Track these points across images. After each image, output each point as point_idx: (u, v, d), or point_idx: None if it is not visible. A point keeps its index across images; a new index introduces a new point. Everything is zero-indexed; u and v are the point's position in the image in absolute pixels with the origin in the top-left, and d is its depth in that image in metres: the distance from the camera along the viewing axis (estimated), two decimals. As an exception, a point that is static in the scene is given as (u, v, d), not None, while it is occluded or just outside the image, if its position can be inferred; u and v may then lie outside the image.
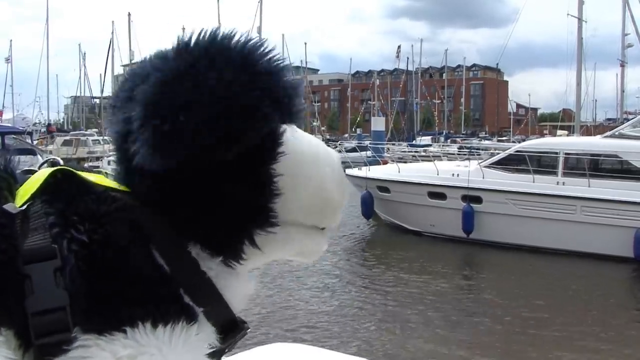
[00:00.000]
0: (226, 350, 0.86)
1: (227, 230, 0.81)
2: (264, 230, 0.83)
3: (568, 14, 24.64)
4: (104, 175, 0.83)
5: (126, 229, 0.75)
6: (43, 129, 49.17)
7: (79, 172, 0.80)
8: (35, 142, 30.10)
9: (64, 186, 0.76)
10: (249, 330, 0.89)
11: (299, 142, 0.86)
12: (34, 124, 46.68)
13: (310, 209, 0.86)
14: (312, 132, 63.38)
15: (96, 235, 0.72)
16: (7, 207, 0.73)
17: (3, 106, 61.62)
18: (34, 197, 0.75)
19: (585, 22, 24.96)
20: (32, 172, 0.82)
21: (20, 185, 0.79)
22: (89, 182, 0.78)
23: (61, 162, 0.83)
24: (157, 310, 0.73)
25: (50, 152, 32.32)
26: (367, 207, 16.97)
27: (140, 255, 0.75)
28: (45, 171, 0.78)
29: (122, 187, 0.80)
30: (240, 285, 0.87)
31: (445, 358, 7.91)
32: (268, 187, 0.81)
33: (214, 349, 0.80)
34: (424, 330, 8.79)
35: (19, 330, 0.68)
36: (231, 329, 0.85)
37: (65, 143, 35.62)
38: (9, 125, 32.87)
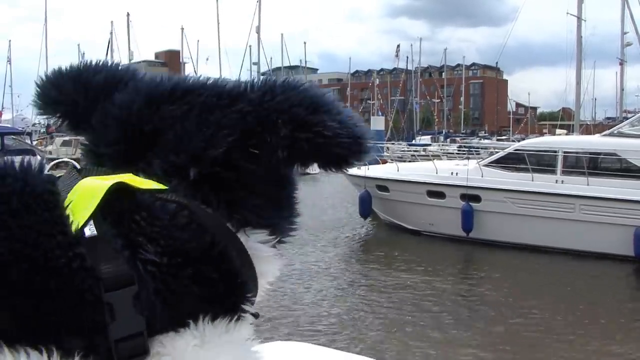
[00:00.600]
0: None
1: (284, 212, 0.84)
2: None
3: (567, 13, 24.73)
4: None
5: (194, 239, 0.72)
6: (42, 130, 49.18)
7: (130, 182, 0.73)
8: (34, 143, 30.13)
9: (120, 202, 0.71)
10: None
11: None
12: (34, 125, 46.68)
13: None
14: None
15: (166, 254, 0.70)
16: (88, 231, 0.68)
17: (2, 107, 61.72)
18: (93, 216, 0.69)
19: (585, 21, 25.04)
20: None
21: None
22: (139, 193, 0.72)
23: (76, 164, 0.78)
24: (213, 307, 0.73)
25: (50, 153, 32.36)
26: (365, 207, 16.97)
27: (214, 262, 0.73)
28: (99, 186, 0.71)
29: (161, 186, 0.74)
30: (271, 265, 0.87)
31: (444, 357, 7.92)
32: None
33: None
34: (422, 329, 8.79)
35: (102, 359, 0.68)
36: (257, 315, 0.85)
37: (65, 143, 35.59)
38: (9, 125, 32.93)
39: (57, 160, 0.85)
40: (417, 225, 15.87)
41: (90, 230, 0.68)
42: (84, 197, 0.70)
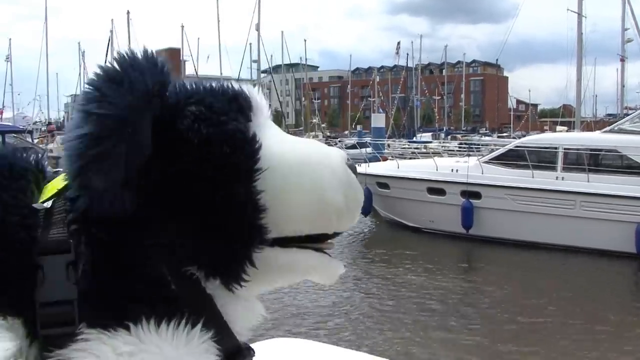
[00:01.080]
0: None
1: (217, 251, 0.80)
2: (256, 248, 0.81)
3: (568, 10, 24.67)
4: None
5: (142, 233, 0.76)
6: (43, 128, 49.21)
7: None
8: (35, 141, 30.15)
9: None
10: (254, 357, 0.87)
11: (279, 149, 0.84)
12: (34, 123, 46.79)
13: (308, 216, 0.83)
14: (312, 129, 63.61)
15: (113, 236, 0.73)
16: (36, 205, 0.76)
17: (3, 105, 61.76)
18: (59, 194, 0.77)
19: (585, 17, 24.98)
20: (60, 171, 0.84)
21: (48, 182, 0.82)
22: None
23: None
24: (163, 309, 0.74)
25: (51, 151, 32.38)
26: (366, 204, 16.72)
27: (154, 260, 0.75)
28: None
29: None
30: (245, 310, 0.86)
31: (444, 354, 7.91)
32: (250, 205, 0.79)
33: None
34: (422, 326, 8.79)
35: (27, 320, 0.69)
36: (234, 356, 0.83)
37: (65, 141, 35.45)
38: (10, 124, 32.95)
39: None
40: (418, 222, 15.87)
41: (47, 204, 0.76)
42: (55, 184, 0.80)
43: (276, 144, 0.84)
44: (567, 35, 26.96)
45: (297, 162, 0.84)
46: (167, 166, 0.76)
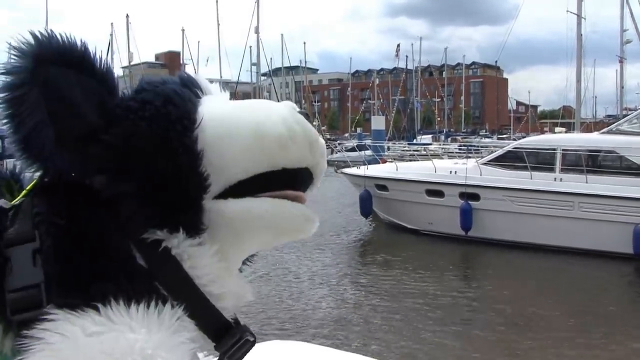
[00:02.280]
0: None
1: (169, 206, 0.81)
2: (204, 194, 0.83)
3: (567, 11, 24.61)
4: None
5: (103, 216, 0.78)
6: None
7: None
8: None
9: (53, 184, 0.81)
10: (254, 340, 0.88)
11: (221, 104, 0.89)
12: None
13: (248, 151, 0.84)
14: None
15: (74, 221, 0.76)
16: (1, 202, 0.81)
17: (3, 109, 61.64)
18: (27, 195, 0.82)
19: (585, 19, 24.91)
20: None
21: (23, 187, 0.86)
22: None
23: None
24: (131, 288, 0.75)
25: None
26: (365, 206, 16.96)
27: (116, 237, 0.78)
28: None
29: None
30: (232, 283, 0.87)
31: (442, 355, 7.90)
32: (188, 154, 0.81)
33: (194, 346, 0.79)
34: (421, 328, 8.77)
35: (1, 311, 0.71)
36: (224, 333, 0.84)
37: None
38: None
39: None
40: (416, 224, 15.86)
41: (5, 204, 0.81)
42: (31, 185, 0.84)
43: (219, 102, 0.88)
44: (567, 36, 26.94)
45: (236, 108, 0.87)
46: (108, 133, 0.80)
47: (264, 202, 0.87)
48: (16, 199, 0.82)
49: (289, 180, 0.90)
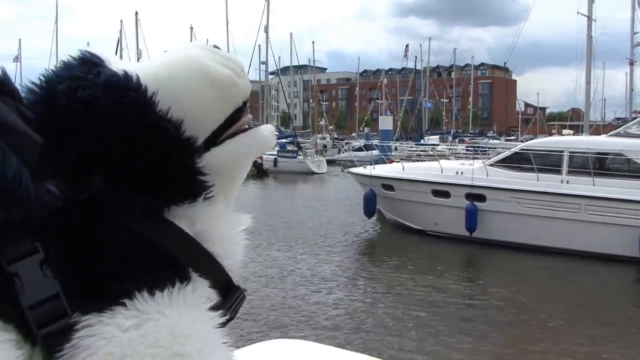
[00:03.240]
0: (230, 318, 0.86)
1: (167, 183, 0.82)
2: (197, 159, 0.83)
3: (578, 13, 24.51)
4: None
5: (102, 209, 0.77)
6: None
7: None
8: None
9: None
10: (246, 292, 0.90)
11: (150, 68, 0.86)
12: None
13: (214, 104, 0.86)
14: (320, 131, 63.53)
15: (73, 224, 0.74)
16: None
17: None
18: None
19: (595, 20, 24.82)
20: None
21: None
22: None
23: None
24: (150, 278, 0.75)
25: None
26: (370, 206, 16.94)
27: (121, 229, 0.76)
28: None
29: None
30: (232, 220, 0.89)
31: (446, 356, 7.89)
32: (167, 126, 0.81)
33: (214, 306, 0.81)
34: (426, 329, 8.76)
35: (25, 330, 0.69)
36: (228, 290, 0.86)
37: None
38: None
39: None
40: (422, 225, 15.84)
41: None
42: None
43: (130, 64, 0.87)
44: (577, 39, 26.80)
45: (162, 64, 0.87)
46: (73, 136, 0.77)
47: (242, 138, 0.90)
48: None
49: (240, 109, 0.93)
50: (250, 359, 1.64)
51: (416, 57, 78.49)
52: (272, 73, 64.85)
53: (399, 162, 19.31)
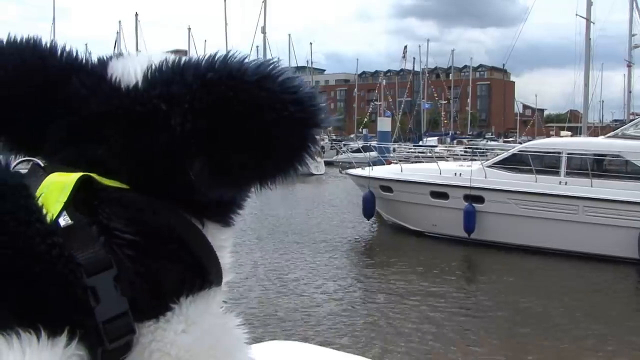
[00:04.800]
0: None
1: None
2: None
3: (576, 15, 24.60)
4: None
5: (160, 223, 0.76)
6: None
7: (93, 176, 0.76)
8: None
9: (89, 194, 0.74)
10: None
11: None
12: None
13: None
14: (318, 132, 64.02)
15: (139, 236, 0.74)
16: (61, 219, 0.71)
17: None
18: (66, 207, 0.72)
19: (593, 23, 24.94)
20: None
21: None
22: (106, 186, 0.76)
23: (39, 162, 0.79)
24: (190, 281, 0.76)
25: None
26: (368, 207, 16.95)
27: (178, 245, 0.76)
28: (66, 180, 0.74)
29: (120, 184, 0.77)
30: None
31: (444, 358, 7.90)
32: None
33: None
34: (424, 331, 8.77)
35: (88, 344, 0.69)
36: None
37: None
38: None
39: (20, 160, 0.84)
40: (420, 226, 15.85)
41: (64, 221, 0.70)
42: (54, 190, 0.72)
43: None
44: (575, 40, 26.91)
45: None
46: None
47: None
48: (61, 213, 0.71)
49: None
50: None
51: (414, 58, 78.71)
52: (270, 75, 64.76)
53: (397, 163, 19.33)
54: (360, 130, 69.01)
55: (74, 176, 0.73)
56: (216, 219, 0.83)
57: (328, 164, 41.89)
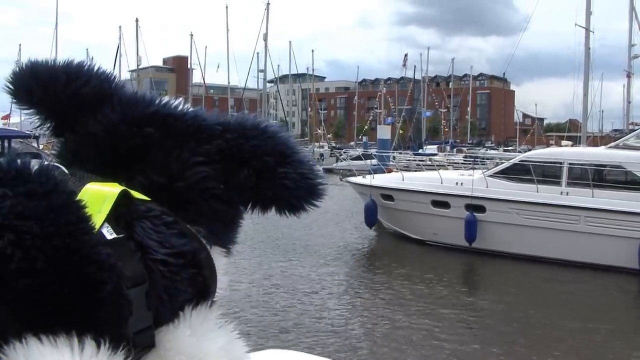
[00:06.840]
0: None
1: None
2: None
3: (576, 24, 24.61)
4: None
5: (187, 245, 0.78)
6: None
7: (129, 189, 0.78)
8: (41, 147, 30.27)
9: (125, 208, 0.76)
10: None
11: None
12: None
13: None
14: (317, 139, 63.46)
15: (171, 256, 0.76)
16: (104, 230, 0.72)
17: (10, 110, 62.05)
18: (107, 219, 0.73)
19: (593, 32, 24.93)
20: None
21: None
22: (137, 201, 0.77)
23: (65, 169, 0.79)
24: (202, 297, 0.79)
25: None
26: (370, 216, 16.96)
27: (198, 270, 0.79)
28: (108, 191, 0.75)
29: (147, 198, 0.79)
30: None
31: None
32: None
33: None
34: (424, 340, 8.76)
35: (122, 352, 0.71)
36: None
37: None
38: (16, 129, 33.14)
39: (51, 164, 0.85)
40: (422, 235, 15.86)
41: (109, 233, 0.72)
42: (95, 201, 0.73)
43: None
44: (575, 50, 26.94)
45: None
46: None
47: None
48: (103, 224, 0.72)
49: None
50: None
51: (415, 66, 78.83)
52: (270, 81, 65.10)
53: (397, 171, 19.32)
54: (360, 137, 69.02)
55: (115, 189, 0.75)
56: (221, 245, 0.86)
57: (328, 171, 41.88)
